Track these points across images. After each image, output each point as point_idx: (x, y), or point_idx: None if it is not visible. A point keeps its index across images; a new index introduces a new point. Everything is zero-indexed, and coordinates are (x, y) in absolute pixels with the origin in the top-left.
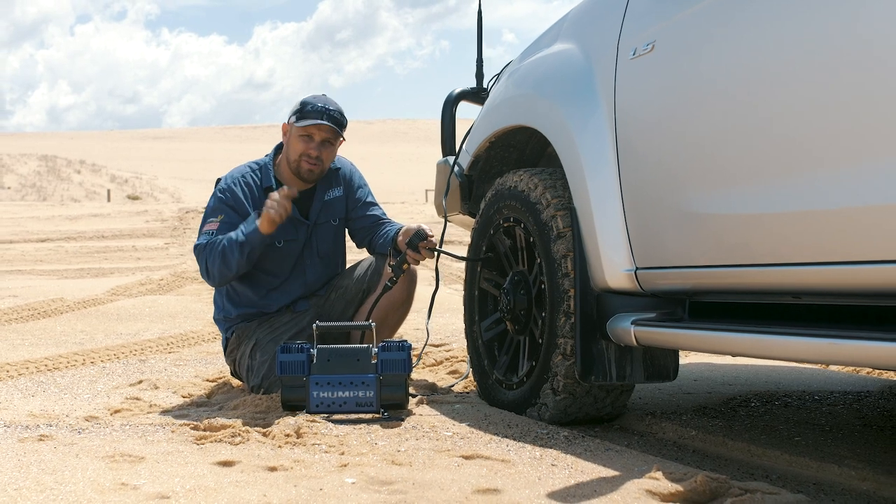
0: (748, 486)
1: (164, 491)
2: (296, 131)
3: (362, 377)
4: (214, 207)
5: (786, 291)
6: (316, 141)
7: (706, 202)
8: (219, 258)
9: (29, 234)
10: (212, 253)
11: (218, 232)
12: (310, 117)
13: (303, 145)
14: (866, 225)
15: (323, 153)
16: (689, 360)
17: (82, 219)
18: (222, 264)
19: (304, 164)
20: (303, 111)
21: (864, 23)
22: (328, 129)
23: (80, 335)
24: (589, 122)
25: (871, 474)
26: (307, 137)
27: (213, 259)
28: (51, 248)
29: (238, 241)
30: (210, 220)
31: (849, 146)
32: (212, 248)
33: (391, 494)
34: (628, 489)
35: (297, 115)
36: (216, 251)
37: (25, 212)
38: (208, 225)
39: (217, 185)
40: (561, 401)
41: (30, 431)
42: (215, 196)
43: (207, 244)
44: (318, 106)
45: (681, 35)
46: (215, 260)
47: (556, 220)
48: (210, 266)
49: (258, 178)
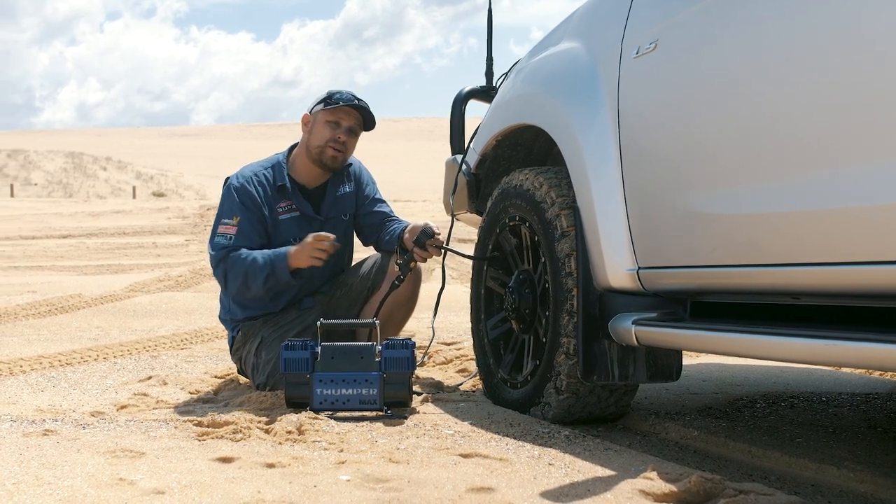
0: (743, 486)
1: (159, 486)
2: (323, 116)
3: (366, 375)
4: (229, 208)
5: (785, 292)
6: (343, 127)
7: (705, 201)
8: (240, 278)
9: (51, 230)
10: (233, 268)
11: (237, 237)
12: (339, 101)
13: (329, 131)
14: (864, 225)
15: (348, 140)
16: (699, 360)
17: (104, 215)
18: (243, 285)
19: (330, 150)
20: (331, 98)
21: (866, 21)
22: (356, 115)
23: (95, 331)
24: (592, 121)
25: (869, 476)
26: (334, 124)
27: (234, 276)
28: (72, 244)
29: (265, 273)
30: (225, 223)
31: (850, 146)
32: (234, 264)
33: (385, 492)
34: (622, 489)
35: (324, 102)
36: (239, 270)
37: (49, 208)
38: (224, 227)
39: (227, 183)
40: (564, 400)
41: (35, 426)
42: (229, 195)
43: (229, 257)
44: (345, 94)
45: (683, 34)
46: (236, 278)
47: (560, 219)
48: (230, 281)
49: (270, 176)
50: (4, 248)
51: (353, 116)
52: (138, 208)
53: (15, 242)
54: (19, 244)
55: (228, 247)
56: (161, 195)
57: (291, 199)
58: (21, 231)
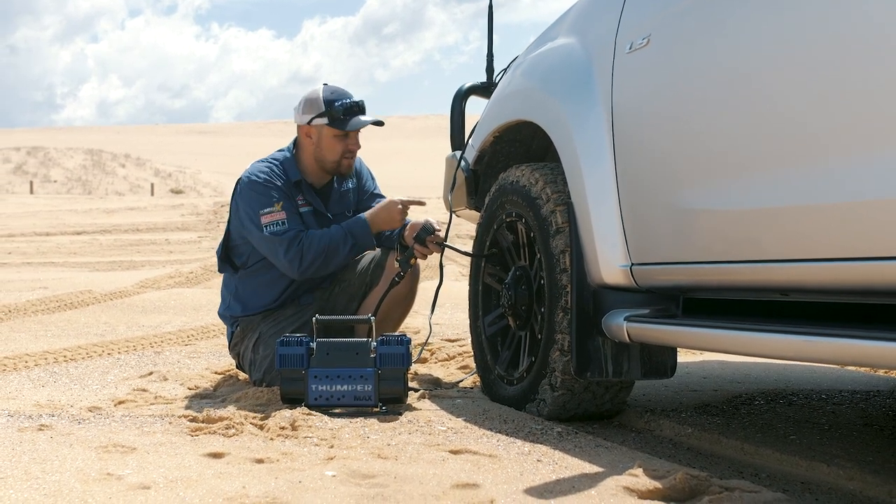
0: (728, 483)
1: (145, 481)
2: (329, 132)
3: (360, 371)
4: (265, 198)
5: (773, 288)
6: (353, 137)
7: (695, 197)
8: (322, 255)
9: (66, 226)
10: (311, 249)
11: (289, 220)
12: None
13: (341, 145)
14: (851, 221)
15: (357, 144)
16: (702, 357)
17: (119, 212)
18: (326, 259)
19: (346, 161)
20: (333, 112)
21: (855, 15)
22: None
23: (103, 327)
24: (587, 116)
25: (858, 474)
26: (344, 135)
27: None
28: (85, 240)
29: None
30: (268, 211)
31: (842, 142)
32: (310, 245)
33: (370, 488)
34: (607, 486)
35: (328, 118)
36: (318, 249)
37: (64, 205)
38: (270, 216)
39: (241, 181)
40: (559, 397)
41: (31, 421)
42: (255, 188)
43: (301, 240)
44: (347, 103)
45: (675, 28)
46: (318, 256)
47: (555, 215)
48: (307, 262)
49: (282, 171)
50: (19, 244)
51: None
52: (153, 205)
53: (29, 239)
54: (33, 240)
55: (289, 230)
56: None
57: (306, 194)
58: (35, 227)
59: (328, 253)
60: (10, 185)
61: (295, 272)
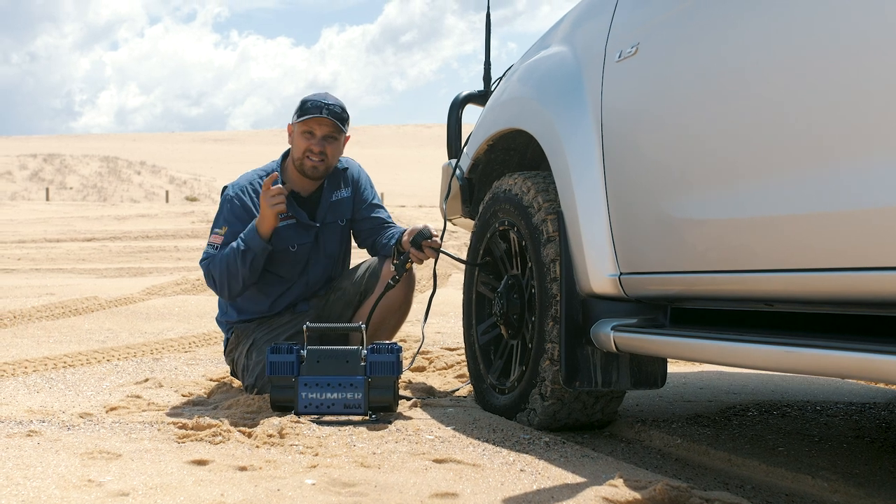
0: (709, 495)
1: (125, 488)
2: (297, 129)
3: (350, 379)
4: (220, 218)
5: (759, 299)
6: (318, 136)
7: (683, 207)
8: (224, 272)
9: (76, 233)
10: (215, 268)
11: (222, 246)
12: (309, 112)
13: (305, 142)
14: (837, 231)
15: (327, 149)
16: (700, 367)
17: (130, 219)
18: (230, 278)
19: (308, 161)
20: (302, 108)
21: (843, 23)
22: (329, 123)
23: (105, 333)
24: (577, 125)
25: (842, 486)
26: (309, 134)
27: (218, 274)
28: (95, 247)
29: (239, 249)
30: (215, 232)
31: (830, 151)
32: (214, 265)
33: (349, 497)
34: (586, 496)
35: (297, 114)
36: (221, 266)
37: (76, 211)
38: (213, 237)
39: (223, 193)
40: (549, 406)
41: (21, 427)
42: (222, 206)
43: (209, 258)
44: (317, 101)
45: (663, 37)
46: (222, 274)
47: (546, 224)
48: (218, 281)
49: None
50: (29, 250)
51: (326, 124)
52: (164, 212)
53: (40, 245)
54: (43, 247)
55: (210, 255)
56: (194, 199)
57: (288, 206)
58: (47, 234)
59: (229, 266)
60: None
61: (218, 294)
